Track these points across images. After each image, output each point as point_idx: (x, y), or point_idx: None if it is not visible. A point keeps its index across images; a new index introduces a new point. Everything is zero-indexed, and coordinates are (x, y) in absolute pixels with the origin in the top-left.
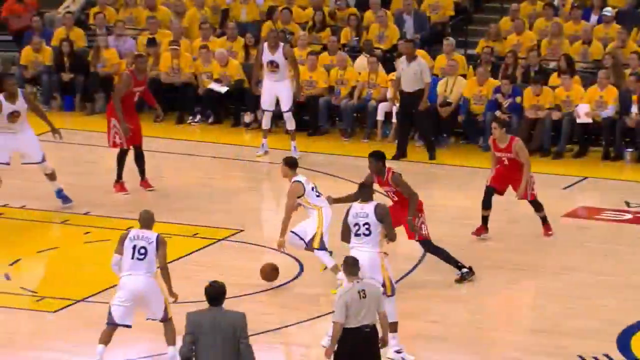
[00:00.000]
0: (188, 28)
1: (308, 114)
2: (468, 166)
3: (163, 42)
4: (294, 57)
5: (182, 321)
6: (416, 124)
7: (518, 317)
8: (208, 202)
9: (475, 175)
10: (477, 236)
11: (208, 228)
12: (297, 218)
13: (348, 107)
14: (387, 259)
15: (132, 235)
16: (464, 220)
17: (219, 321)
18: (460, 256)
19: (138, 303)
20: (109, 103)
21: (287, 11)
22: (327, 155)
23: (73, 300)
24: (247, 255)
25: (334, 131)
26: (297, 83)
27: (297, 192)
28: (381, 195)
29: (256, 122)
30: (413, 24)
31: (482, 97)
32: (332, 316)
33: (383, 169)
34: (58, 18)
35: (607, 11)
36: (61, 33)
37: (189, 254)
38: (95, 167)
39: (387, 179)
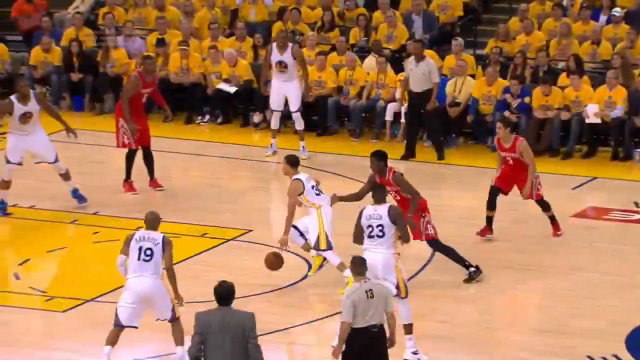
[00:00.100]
0: (199, 28)
1: (317, 114)
2: (476, 166)
3: (172, 42)
4: (303, 58)
5: (191, 321)
6: (425, 124)
7: (526, 317)
8: (216, 202)
9: (483, 175)
10: (482, 237)
11: (217, 228)
12: (299, 214)
13: (357, 107)
14: (400, 260)
15: (138, 236)
16: (472, 220)
17: (228, 321)
18: (467, 256)
19: (144, 304)
20: (117, 103)
21: (296, 11)
22: (336, 155)
23: (82, 300)
24: (256, 255)
25: (343, 131)
26: (306, 83)
27: (297, 190)
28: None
29: (265, 122)
30: (422, 24)
31: (491, 98)
32: (340, 316)
33: (384, 169)
34: (67, 18)
35: (616, 11)
36: (70, 33)
37: (198, 254)
38: (104, 167)
39: (389, 179)
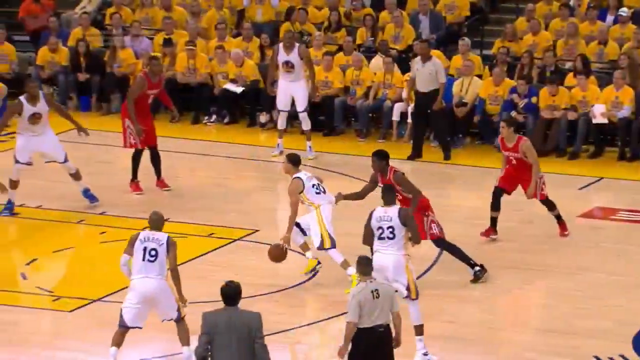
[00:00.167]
0: (207, 29)
1: (323, 114)
2: (483, 166)
3: (179, 43)
4: (310, 58)
5: (197, 321)
6: (431, 124)
7: (532, 317)
8: (223, 202)
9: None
10: (486, 237)
11: (223, 228)
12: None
13: (363, 108)
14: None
15: (143, 236)
16: (478, 220)
17: (235, 321)
18: (473, 256)
19: (149, 305)
20: (123, 104)
21: (303, 12)
22: (343, 155)
23: (89, 299)
24: (262, 255)
25: (350, 131)
26: (313, 83)
27: (297, 189)
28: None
29: (272, 123)
30: (429, 24)
31: (498, 98)
32: (346, 316)
33: (386, 168)
34: (74, 18)
35: (623, 11)
36: (77, 33)
37: (205, 254)
38: (111, 167)
39: (390, 178)
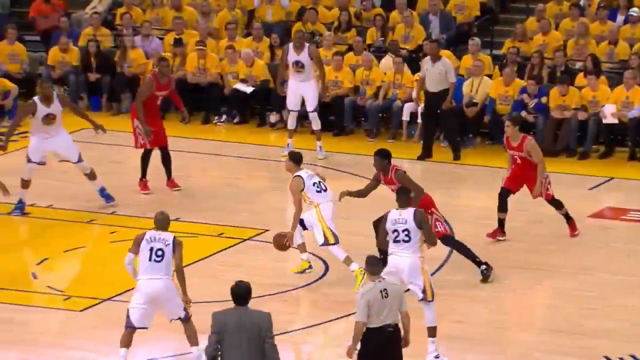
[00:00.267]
0: (219, 29)
1: (333, 114)
2: (493, 166)
3: (189, 43)
4: (320, 58)
5: (206, 321)
6: (441, 124)
7: (541, 318)
8: (233, 202)
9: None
10: (492, 239)
11: (233, 228)
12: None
13: (373, 108)
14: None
15: (149, 236)
16: (488, 220)
17: (245, 321)
18: (482, 256)
19: (156, 305)
20: (132, 104)
21: (314, 12)
22: (353, 155)
23: (100, 299)
24: (272, 255)
25: (360, 131)
26: (323, 83)
27: (298, 187)
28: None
29: (282, 122)
30: (439, 25)
31: (508, 98)
32: (354, 316)
33: (387, 167)
34: (85, 18)
35: (634, 11)
36: (88, 33)
37: (215, 254)
38: (121, 167)
39: (391, 176)
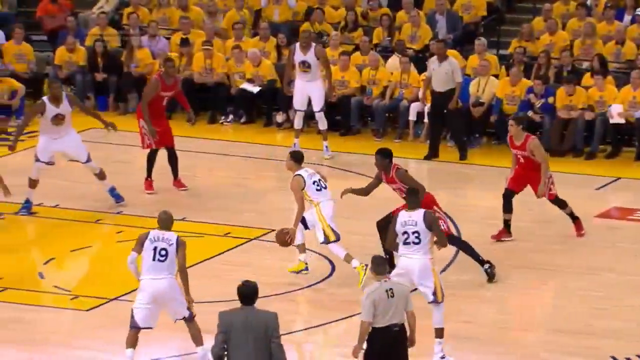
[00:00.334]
0: (227, 29)
1: (340, 114)
2: (499, 166)
3: (196, 42)
4: (326, 57)
5: (212, 321)
6: (447, 124)
7: (548, 318)
8: (240, 202)
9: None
10: (498, 240)
11: (240, 227)
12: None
13: (380, 107)
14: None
15: (153, 236)
16: (494, 220)
17: (251, 320)
18: (490, 256)
19: (160, 305)
20: (138, 105)
21: (320, 11)
22: (359, 155)
23: (106, 299)
24: (279, 255)
25: (366, 131)
26: (329, 83)
27: (299, 186)
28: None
29: (288, 122)
30: (445, 24)
31: (515, 98)
32: (360, 315)
33: (389, 166)
34: (92, 18)
35: None
36: (95, 33)
37: (221, 254)
38: (128, 167)
39: (392, 175)
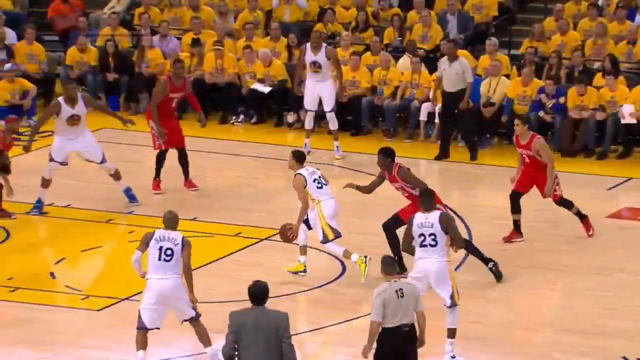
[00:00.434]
0: (239, 29)
1: (351, 114)
2: (510, 167)
3: (207, 43)
4: (337, 58)
5: (221, 321)
6: (458, 125)
7: (559, 318)
8: (251, 202)
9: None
10: (509, 241)
11: (251, 228)
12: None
13: (391, 107)
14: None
15: (158, 236)
16: (504, 220)
17: (262, 320)
18: (500, 257)
19: (166, 305)
20: (148, 105)
21: (331, 12)
22: (370, 155)
23: (117, 298)
24: (289, 255)
25: (377, 131)
26: (340, 83)
27: (301, 184)
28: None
29: (299, 122)
30: (456, 24)
31: (527, 98)
32: (370, 315)
33: (391, 165)
34: (103, 18)
35: None
36: (106, 33)
37: (232, 254)
38: (139, 167)
39: (395, 174)
